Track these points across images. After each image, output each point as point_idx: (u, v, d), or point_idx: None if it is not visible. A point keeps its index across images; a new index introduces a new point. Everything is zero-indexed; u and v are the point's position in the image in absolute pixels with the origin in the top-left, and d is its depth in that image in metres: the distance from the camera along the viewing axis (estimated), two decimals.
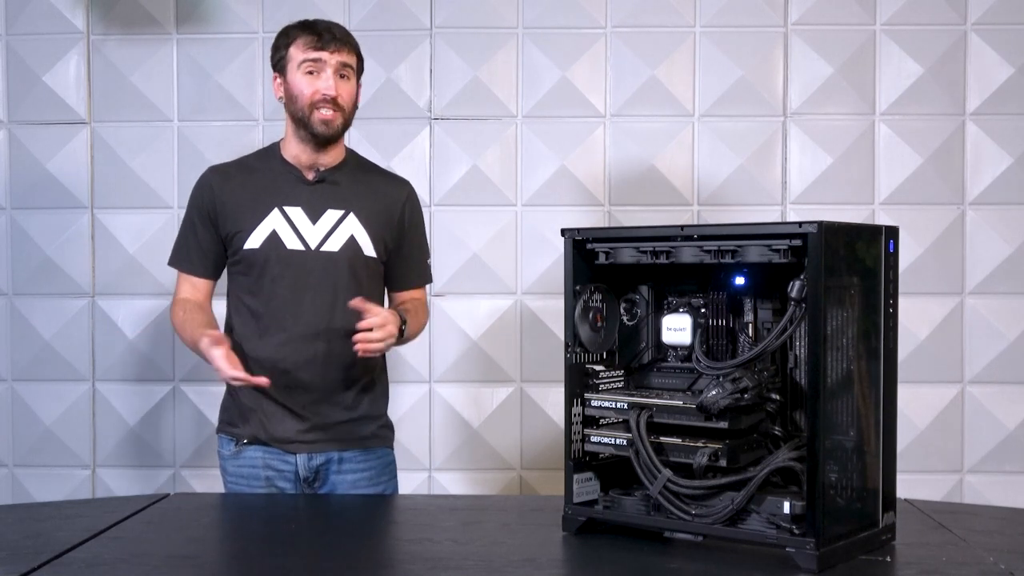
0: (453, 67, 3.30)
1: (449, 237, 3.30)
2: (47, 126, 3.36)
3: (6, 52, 3.36)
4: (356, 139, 3.27)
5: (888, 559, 1.66)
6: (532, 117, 3.30)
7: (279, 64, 2.33)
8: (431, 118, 3.31)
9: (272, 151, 2.40)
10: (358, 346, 2.16)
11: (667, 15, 3.27)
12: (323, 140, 2.31)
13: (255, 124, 3.32)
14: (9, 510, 2.24)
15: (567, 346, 1.82)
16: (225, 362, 2.14)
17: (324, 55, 2.27)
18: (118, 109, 3.34)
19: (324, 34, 2.28)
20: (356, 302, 2.18)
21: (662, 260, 1.75)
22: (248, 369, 2.23)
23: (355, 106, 2.35)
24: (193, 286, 2.38)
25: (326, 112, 2.27)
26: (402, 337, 2.26)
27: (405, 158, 3.29)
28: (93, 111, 3.35)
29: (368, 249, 2.33)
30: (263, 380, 2.18)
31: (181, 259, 2.39)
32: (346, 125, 2.33)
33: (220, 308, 2.40)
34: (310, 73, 2.27)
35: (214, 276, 2.39)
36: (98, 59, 3.34)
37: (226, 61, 3.30)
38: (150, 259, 3.29)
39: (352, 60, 2.32)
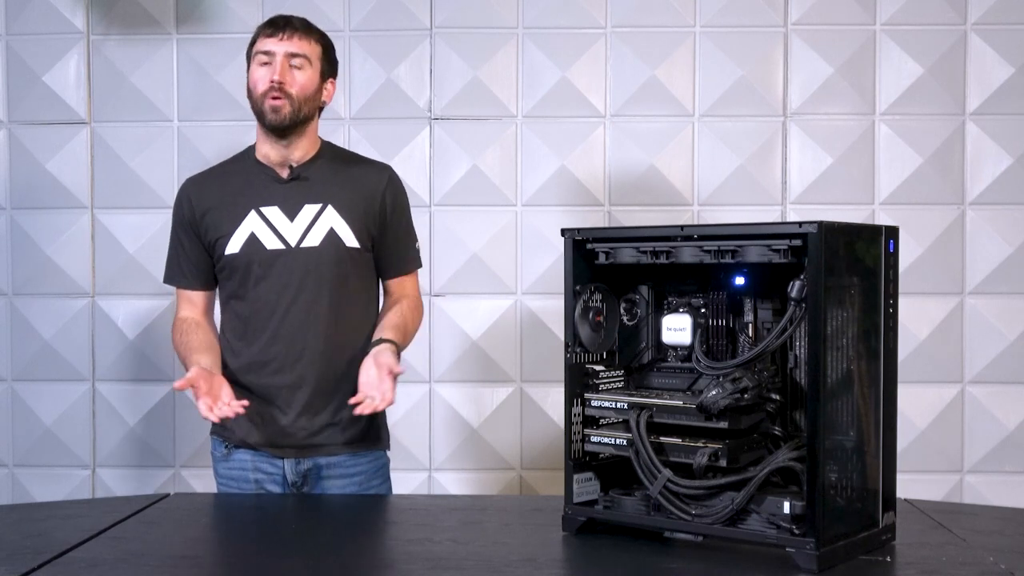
0: (453, 67, 3.30)
1: (449, 237, 3.30)
2: (47, 126, 3.36)
3: (6, 52, 3.36)
4: (356, 139, 3.28)
5: (888, 559, 1.66)
6: (532, 117, 3.30)
7: (247, 61, 2.31)
8: (431, 118, 3.31)
9: (247, 154, 2.37)
10: (361, 408, 2.10)
11: (667, 15, 3.27)
12: (274, 129, 2.25)
13: (255, 124, 3.30)
14: (9, 510, 2.24)
15: (567, 346, 1.82)
16: (203, 403, 2.07)
17: (272, 43, 2.24)
18: (118, 109, 3.34)
19: (278, 22, 2.26)
20: (353, 400, 2.12)
21: (662, 260, 1.75)
22: (237, 372, 2.25)
23: (312, 98, 2.28)
24: (190, 302, 2.36)
25: (274, 100, 2.23)
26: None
27: (405, 158, 3.28)
28: (93, 111, 3.35)
29: (350, 240, 2.28)
30: (239, 408, 2.10)
31: (174, 275, 2.37)
32: (298, 115, 2.25)
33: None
34: (265, 64, 2.24)
35: (209, 287, 2.37)
36: (98, 59, 3.34)
37: (226, 61, 3.30)
38: (150, 259, 3.28)
39: (307, 50, 2.26)
